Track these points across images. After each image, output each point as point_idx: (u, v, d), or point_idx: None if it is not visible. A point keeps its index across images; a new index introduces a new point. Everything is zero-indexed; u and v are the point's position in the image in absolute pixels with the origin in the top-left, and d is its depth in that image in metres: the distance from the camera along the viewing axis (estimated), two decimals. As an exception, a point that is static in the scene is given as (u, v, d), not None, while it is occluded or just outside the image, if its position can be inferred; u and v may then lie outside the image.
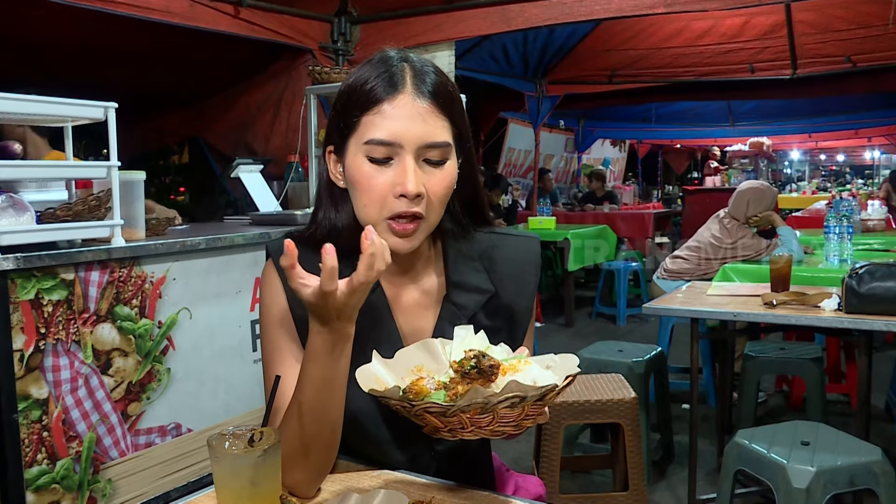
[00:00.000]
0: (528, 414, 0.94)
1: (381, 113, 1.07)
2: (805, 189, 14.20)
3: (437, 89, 1.10)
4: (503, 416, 0.93)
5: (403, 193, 1.06)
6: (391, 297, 1.20)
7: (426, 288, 1.22)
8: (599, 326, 6.78)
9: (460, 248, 1.22)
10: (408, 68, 1.10)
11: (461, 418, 0.92)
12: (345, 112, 1.11)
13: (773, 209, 4.30)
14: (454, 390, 0.97)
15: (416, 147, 1.07)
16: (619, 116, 10.65)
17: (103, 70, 4.35)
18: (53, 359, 2.18)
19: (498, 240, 1.26)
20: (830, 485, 2.15)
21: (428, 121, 1.08)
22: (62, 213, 2.21)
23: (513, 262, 1.25)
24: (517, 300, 1.24)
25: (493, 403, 0.90)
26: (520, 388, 0.90)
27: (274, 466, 0.99)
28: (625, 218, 8.48)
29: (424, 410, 0.93)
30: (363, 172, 1.08)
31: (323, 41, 4.26)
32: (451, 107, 1.12)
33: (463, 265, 1.22)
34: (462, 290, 1.21)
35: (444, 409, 0.92)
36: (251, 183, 3.62)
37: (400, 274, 1.20)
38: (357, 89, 1.10)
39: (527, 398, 0.91)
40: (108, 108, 2.30)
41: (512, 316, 1.22)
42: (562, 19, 3.88)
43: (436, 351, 1.07)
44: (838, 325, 2.61)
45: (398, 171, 1.07)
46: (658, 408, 3.58)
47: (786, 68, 5.89)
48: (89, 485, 2.29)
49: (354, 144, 1.10)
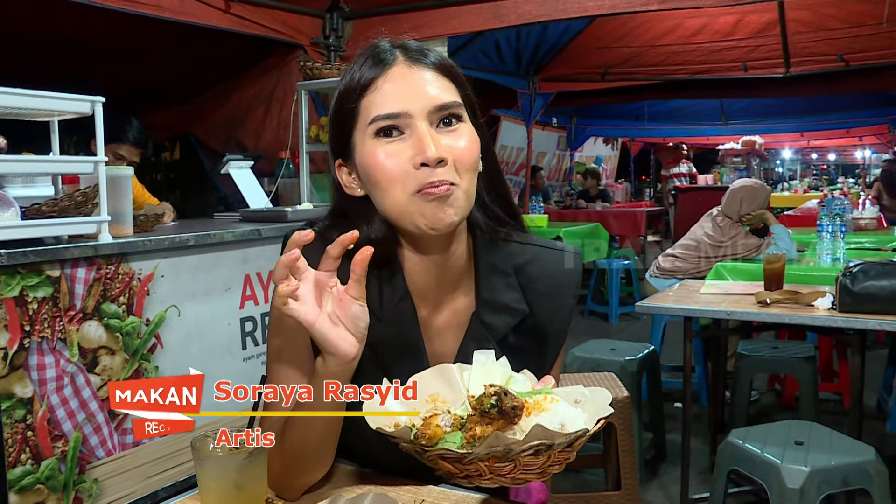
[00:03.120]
0: (554, 461, 0.84)
1: (377, 89, 1.00)
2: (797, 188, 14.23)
3: (434, 56, 1.03)
4: (526, 464, 0.83)
5: (424, 161, 0.95)
6: (423, 313, 1.10)
7: (457, 307, 1.11)
8: (591, 324, 6.77)
9: (493, 260, 1.11)
10: (398, 47, 1.04)
11: (479, 466, 0.83)
12: (342, 107, 1.03)
13: (766, 207, 4.29)
14: (472, 431, 0.87)
15: (427, 112, 0.98)
16: (611, 114, 10.65)
17: (92, 65, 4.31)
18: (38, 357, 2.15)
19: (536, 253, 1.14)
20: (824, 484, 2.14)
21: (432, 83, 1.00)
22: (48, 208, 2.18)
23: (551, 280, 1.13)
24: (552, 321, 1.12)
25: (515, 452, 0.81)
26: (546, 435, 0.81)
27: (260, 469, 0.96)
28: (617, 216, 8.47)
29: (438, 457, 0.84)
30: (375, 153, 0.98)
31: (314, 37, 4.23)
32: (454, 72, 1.04)
33: (496, 280, 1.10)
34: (493, 308, 1.09)
35: (460, 456, 0.82)
36: (241, 179, 3.59)
37: (433, 290, 1.09)
38: (350, 81, 1.03)
39: (553, 446, 0.81)
40: (94, 103, 2.27)
41: (544, 338, 1.11)
42: (555, 16, 3.86)
43: (453, 378, 0.97)
44: (832, 323, 2.60)
45: (413, 142, 0.97)
46: (650, 406, 3.57)
47: (779, 67, 5.89)
48: (75, 485, 2.26)
49: (360, 134, 1.01)
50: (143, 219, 2.70)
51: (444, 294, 1.10)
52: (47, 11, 3.36)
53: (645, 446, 3.44)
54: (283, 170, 3.77)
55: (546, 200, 8.97)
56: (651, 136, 13.21)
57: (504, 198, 1.13)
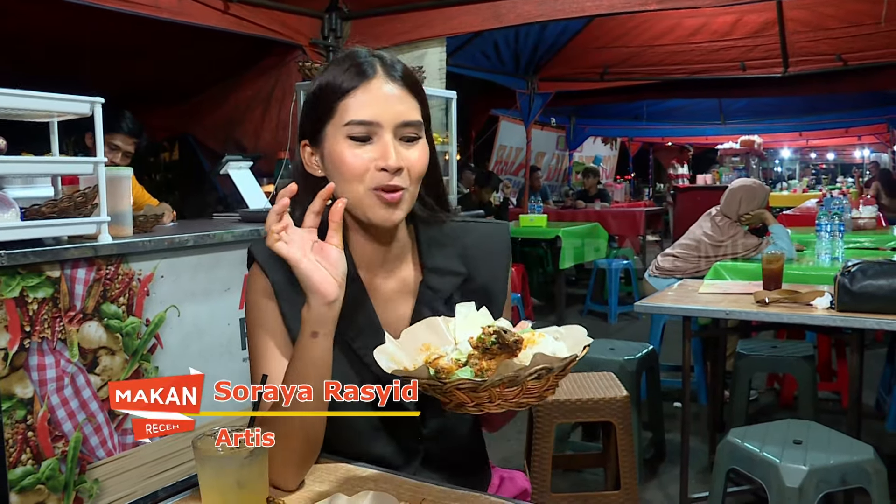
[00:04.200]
0: (549, 385, 0.98)
1: (356, 97, 1.14)
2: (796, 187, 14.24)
3: (406, 74, 1.18)
4: (529, 389, 0.96)
5: (385, 167, 1.12)
6: (369, 286, 1.24)
7: (403, 276, 1.26)
8: (590, 324, 6.75)
9: (432, 234, 1.27)
10: (377, 59, 1.17)
11: (491, 392, 0.95)
12: (319, 102, 1.17)
13: (765, 207, 4.29)
14: (479, 365, 0.99)
15: (394, 125, 1.14)
16: (610, 114, 10.66)
17: (91, 66, 4.31)
18: (38, 357, 2.15)
19: (469, 227, 1.32)
20: (823, 483, 2.14)
21: (402, 101, 1.16)
22: (48, 209, 2.18)
23: (484, 247, 1.30)
24: (491, 282, 1.28)
25: (522, 377, 0.94)
26: (546, 360, 0.94)
27: (261, 468, 0.97)
28: (616, 216, 8.48)
29: (455, 388, 0.95)
30: (345, 152, 1.14)
31: (313, 37, 4.24)
32: (419, 91, 1.20)
33: (436, 251, 1.27)
34: (437, 274, 1.25)
35: (476, 384, 0.94)
36: (241, 179, 3.60)
37: (377, 263, 1.24)
38: (331, 81, 1.16)
39: (553, 369, 0.95)
40: (94, 104, 2.27)
41: (488, 297, 1.23)
42: (553, 16, 3.87)
43: (440, 329, 1.10)
44: (831, 323, 2.60)
45: (378, 148, 1.13)
46: (649, 406, 3.58)
47: (777, 66, 5.90)
48: (75, 485, 2.26)
49: (333, 129, 1.15)
50: (143, 219, 2.70)
51: (389, 265, 1.25)
52: (46, 12, 3.37)
53: (644, 446, 3.44)
54: (282, 170, 3.78)
55: (545, 200, 8.98)
56: (650, 135, 13.24)
57: (438, 191, 1.29)
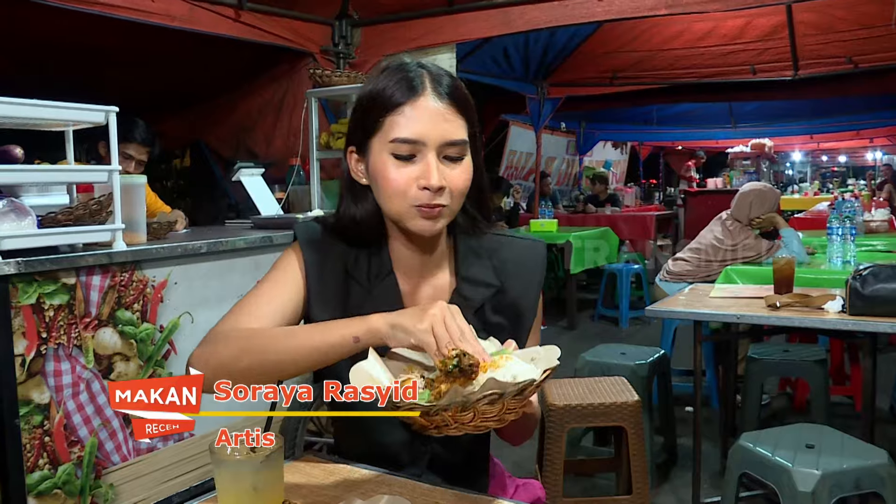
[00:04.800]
0: (508, 408, 0.97)
1: (403, 114, 1.15)
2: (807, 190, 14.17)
3: (453, 92, 1.18)
4: (484, 412, 0.96)
5: (427, 187, 1.13)
6: (406, 291, 1.26)
7: (437, 283, 1.28)
8: (602, 329, 6.76)
9: (470, 245, 1.29)
10: (425, 73, 1.18)
11: (444, 417, 0.96)
12: (367, 114, 1.18)
13: (775, 211, 4.28)
14: (437, 389, 1.01)
15: (438, 145, 1.15)
16: (620, 118, 10.65)
17: (104, 73, 4.36)
18: (55, 363, 2.18)
19: (506, 241, 1.33)
20: (836, 488, 2.13)
21: (448, 120, 1.16)
22: (63, 217, 2.21)
23: (519, 263, 1.31)
24: (522, 299, 1.29)
25: (471, 402, 0.94)
26: (497, 386, 0.94)
27: (276, 472, 0.98)
28: (626, 220, 8.46)
29: (409, 410, 0.96)
30: (389, 168, 1.15)
31: (324, 44, 4.26)
32: (467, 107, 1.20)
33: (473, 261, 1.28)
34: (470, 283, 1.26)
35: (427, 408, 0.95)
36: (253, 186, 3.62)
37: (415, 269, 1.26)
38: (380, 93, 1.17)
39: (504, 395, 0.95)
40: (108, 113, 2.30)
41: (517, 314, 1.27)
42: (563, 21, 3.88)
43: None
44: (842, 327, 2.59)
45: (422, 167, 1.14)
46: (661, 410, 3.57)
47: (787, 69, 5.88)
48: (91, 490, 2.28)
49: (378, 143, 1.17)
50: (156, 226, 2.73)
51: (426, 272, 1.27)
52: (61, 22, 3.41)
53: (656, 450, 3.44)
54: (294, 177, 3.80)
55: (555, 205, 8.97)
56: (660, 139, 13.21)
57: (481, 203, 1.30)
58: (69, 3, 3.06)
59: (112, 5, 3.20)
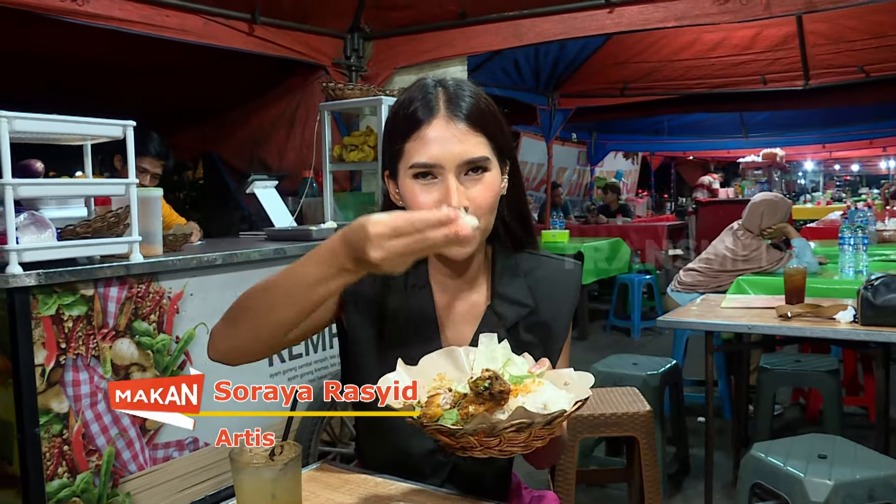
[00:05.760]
0: (536, 436, 0.96)
1: (419, 139, 1.15)
2: (819, 199, 14.11)
3: (469, 109, 1.17)
4: (511, 439, 0.95)
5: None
6: (440, 304, 1.27)
7: (472, 299, 1.29)
8: (614, 339, 6.76)
9: (508, 262, 1.30)
10: (441, 93, 1.18)
11: (469, 440, 0.95)
12: (390, 141, 1.20)
13: (787, 221, 4.28)
14: (465, 409, 0.99)
15: (456, 165, 1.14)
16: (631, 129, 10.65)
17: (118, 87, 4.41)
18: (73, 373, 2.21)
19: (543, 261, 1.34)
20: (849, 498, 2.13)
21: (464, 140, 1.15)
22: (82, 229, 2.25)
23: (554, 283, 1.31)
24: (555, 320, 1.29)
25: (499, 429, 0.93)
26: (526, 415, 0.93)
27: (295, 479, 1.00)
28: (638, 230, 8.45)
29: (436, 431, 0.97)
30: (413, 193, 1.16)
31: (336, 57, 4.30)
32: (486, 123, 1.18)
33: (508, 279, 1.28)
34: (505, 301, 1.27)
35: (453, 431, 0.95)
36: (266, 198, 3.65)
37: (453, 283, 1.27)
38: (398, 117, 1.19)
39: (533, 424, 0.93)
40: (126, 127, 2.34)
41: (549, 334, 1.28)
42: (573, 34, 3.90)
43: (459, 359, 1.11)
44: (854, 337, 2.60)
45: (442, 190, 1.14)
46: (673, 421, 3.57)
47: (798, 79, 5.88)
48: (108, 498, 2.31)
49: (403, 169, 1.18)
50: (172, 238, 2.77)
51: (462, 286, 1.28)
52: (76, 36, 3.45)
53: (668, 460, 3.43)
54: (307, 189, 3.83)
55: (566, 216, 8.98)
56: (671, 149, 13.19)
57: (523, 218, 1.31)
58: (85, 20, 3.11)
59: (127, 20, 3.25)
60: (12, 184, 2.03)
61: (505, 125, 1.23)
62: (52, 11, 2.99)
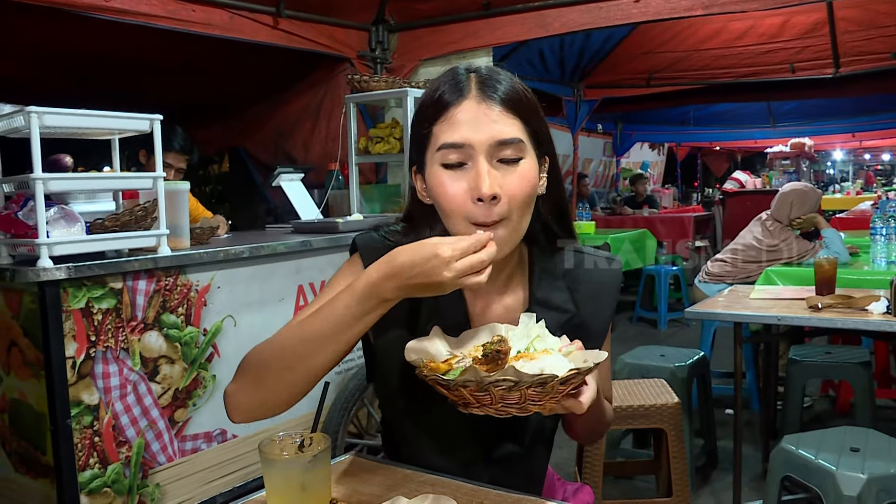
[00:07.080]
0: (530, 399, 0.99)
1: (448, 119, 1.08)
2: (849, 190, 13.89)
3: (504, 91, 1.09)
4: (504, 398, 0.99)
5: (480, 197, 1.05)
6: (474, 312, 1.22)
7: (508, 302, 1.23)
8: (640, 331, 6.72)
9: (546, 265, 1.23)
10: (473, 76, 1.11)
11: (462, 393, 0.99)
12: (419, 127, 1.14)
13: (816, 211, 4.23)
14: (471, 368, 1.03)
15: (487, 146, 1.06)
16: (657, 119, 10.55)
17: (145, 81, 4.44)
18: (103, 366, 2.24)
19: (583, 259, 1.27)
20: (883, 493, 2.09)
21: (496, 120, 1.07)
22: (110, 223, 2.27)
23: (595, 283, 1.26)
24: (594, 320, 1.25)
25: (485, 383, 0.97)
26: (515, 374, 0.96)
27: (324, 471, 1.00)
28: (664, 221, 8.39)
29: (434, 382, 1.01)
30: (441, 180, 1.09)
31: (361, 49, 4.30)
32: (522, 106, 1.10)
33: (547, 283, 1.22)
34: (544, 307, 1.20)
35: (447, 383, 0.99)
36: (292, 191, 3.67)
37: (487, 287, 1.16)
38: (426, 102, 1.13)
39: (519, 383, 0.96)
40: (153, 121, 2.36)
41: (587, 335, 1.19)
42: (599, 23, 3.86)
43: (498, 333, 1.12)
44: (888, 328, 2.55)
45: (472, 175, 1.06)
46: (701, 413, 3.54)
47: (828, 67, 5.78)
48: (139, 489, 2.34)
49: (430, 155, 1.11)
50: (199, 232, 2.79)
51: (497, 290, 1.22)
52: (102, 31, 3.48)
53: (696, 453, 3.41)
54: (333, 181, 3.84)
55: (592, 207, 8.93)
56: (697, 140, 13.05)
57: (562, 216, 1.24)
58: (112, 15, 3.13)
59: (154, 15, 3.27)
60: (43, 178, 2.06)
61: (543, 115, 1.15)
62: (79, 8, 3.01)
